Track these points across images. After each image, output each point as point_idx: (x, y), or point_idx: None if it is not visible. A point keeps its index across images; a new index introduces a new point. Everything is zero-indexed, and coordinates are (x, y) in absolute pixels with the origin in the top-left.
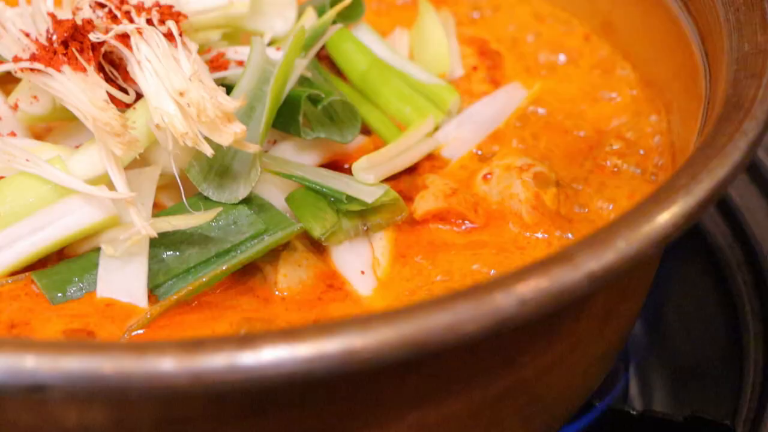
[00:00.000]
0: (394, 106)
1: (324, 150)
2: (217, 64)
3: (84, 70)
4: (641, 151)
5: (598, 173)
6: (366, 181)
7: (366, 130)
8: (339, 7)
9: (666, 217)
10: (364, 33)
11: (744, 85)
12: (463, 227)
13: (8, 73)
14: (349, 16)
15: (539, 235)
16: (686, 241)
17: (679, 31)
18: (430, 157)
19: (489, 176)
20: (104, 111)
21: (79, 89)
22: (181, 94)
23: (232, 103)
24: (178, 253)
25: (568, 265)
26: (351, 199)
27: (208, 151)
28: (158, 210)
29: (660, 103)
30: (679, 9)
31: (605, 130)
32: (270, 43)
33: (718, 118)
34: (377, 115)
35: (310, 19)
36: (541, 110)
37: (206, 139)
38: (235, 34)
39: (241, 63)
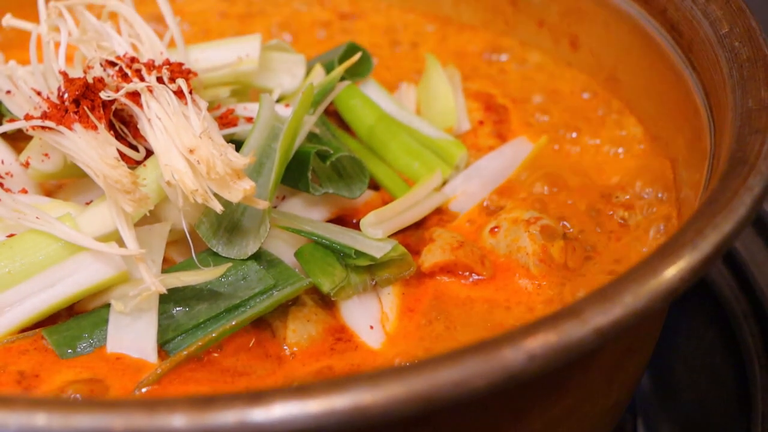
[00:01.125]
0: (402, 161)
1: (332, 205)
2: (226, 120)
3: (95, 128)
4: (647, 204)
5: (605, 226)
6: (374, 236)
7: (374, 185)
8: (347, 64)
9: (673, 272)
10: (371, 89)
11: (748, 141)
12: (470, 279)
13: (20, 131)
14: (357, 72)
15: (547, 288)
16: (692, 292)
17: (684, 86)
18: (438, 210)
19: (496, 230)
20: (115, 169)
21: (90, 147)
22: (191, 151)
23: (241, 160)
24: (187, 309)
25: (576, 320)
26: (359, 254)
27: (218, 208)
28: (168, 265)
29: (665, 157)
30: (683, 64)
31: (611, 184)
32: (279, 100)
33: (723, 173)
34: (385, 169)
35: (319, 75)
36: (546, 164)
37: (216, 195)
38: (244, 90)
39: (250, 119)
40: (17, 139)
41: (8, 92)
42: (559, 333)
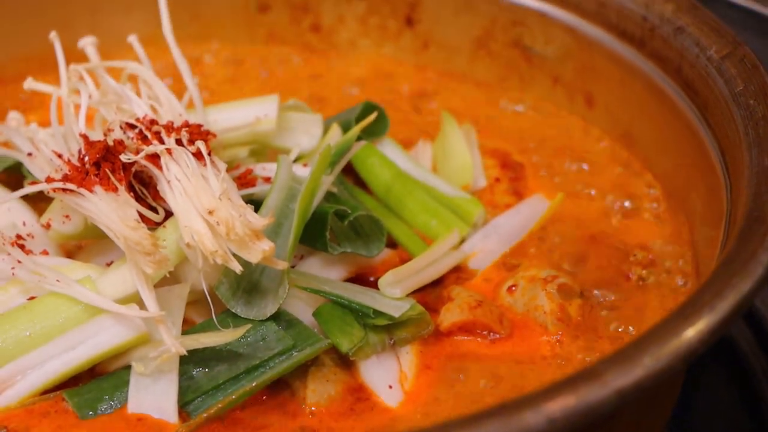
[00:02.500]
0: (419, 219)
1: (350, 264)
2: (245, 180)
3: (115, 190)
4: (665, 262)
5: (623, 284)
6: (392, 295)
7: (391, 243)
8: (364, 123)
9: (692, 333)
10: (388, 147)
11: (765, 200)
12: (489, 338)
13: (40, 192)
14: (373, 131)
15: (565, 346)
16: (711, 349)
17: (699, 144)
18: (456, 268)
19: (514, 288)
20: (135, 230)
21: (111, 209)
22: (211, 212)
23: (260, 221)
24: (207, 370)
25: (597, 382)
26: (378, 313)
27: (237, 269)
28: (187, 326)
29: (682, 215)
30: (699, 122)
31: (628, 241)
32: (297, 159)
33: (740, 233)
34: (402, 228)
35: (336, 135)
36: (563, 221)
37: (235, 256)
38: (262, 150)
39: (268, 179)
40: (38, 201)
41: (29, 154)
42: (579, 396)
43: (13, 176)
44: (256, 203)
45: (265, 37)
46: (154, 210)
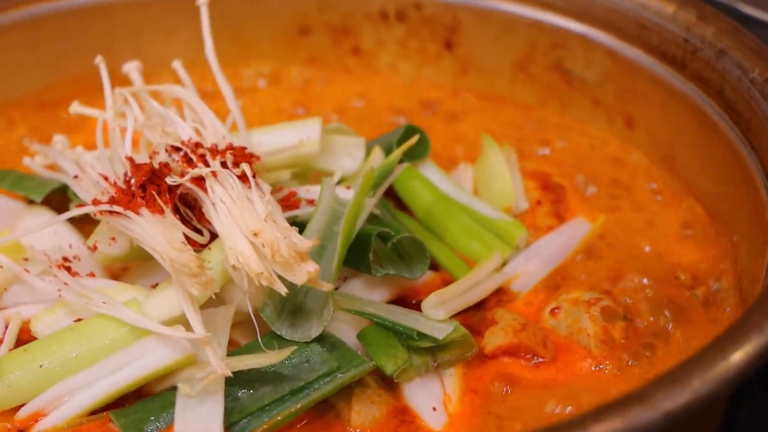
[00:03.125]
0: (461, 242)
1: (393, 286)
2: (288, 203)
3: (161, 212)
4: (709, 284)
5: (667, 306)
6: (436, 317)
7: (433, 265)
8: (406, 146)
9: (740, 356)
10: (429, 170)
11: None
12: (533, 361)
13: (86, 215)
14: (415, 153)
15: (609, 369)
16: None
17: (742, 166)
18: (498, 291)
19: (557, 310)
20: (181, 252)
21: (157, 231)
22: (256, 234)
23: (305, 243)
24: (252, 391)
25: (645, 405)
26: (422, 335)
27: (283, 290)
28: (231, 347)
29: (725, 236)
30: (741, 144)
31: (672, 263)
32: (339, 182)
33: None
34: (444, 250)
35: (378, 158)
36: (605, 244)
37: (280, 277)
38: (305, 172)
39: (311, 202)
40: (83, 223)
41: (75, 177)
42: (627, 418)
43: (59, 199)
44: (299, 225)
45: (306, 60)
46: (199, 232)
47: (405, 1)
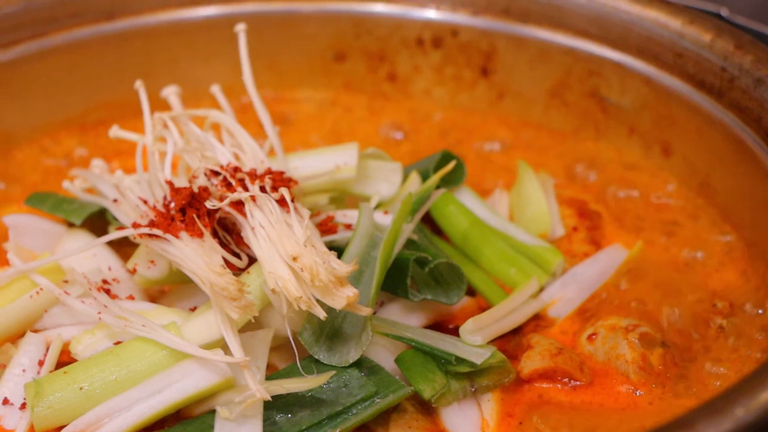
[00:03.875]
0: (498, 267)
1: (429, 311)
2: (326, 227)
3: (201, 235)
4: (747, 312)
5: (703, 333)
6: (473, 342)
7: (469, 290)
8: (443, 172)
9: None
10: (465, 196)
11: None
12: (570, 386)
13: (125, 238)
14: (451, 179)
15: (646, 395)
16: None
17: None
18: (535, 316)
19: (594, 336)
20: (221, 276)
21: (197, 255)
22: (295, 258)
23: (344, 268)
24: (290, 416)
25: None
26: (460, 360)
27: (322, 315)
28: (269, 371)
29: (762, 265)
30: None
31: (709, 290)
32: (376, 207)
33: None
34: (481, 275)
35: (415, 183)
36: (642, 271)
37: (318, 302)
38: (341, 197)
39: (349, 226)
40: (122, 246)
41: (115, 200)
42: None
43: (98, 222)
44: (337, 250)
45: (342, 86)
46: (237, 256)
47: (441, 28)
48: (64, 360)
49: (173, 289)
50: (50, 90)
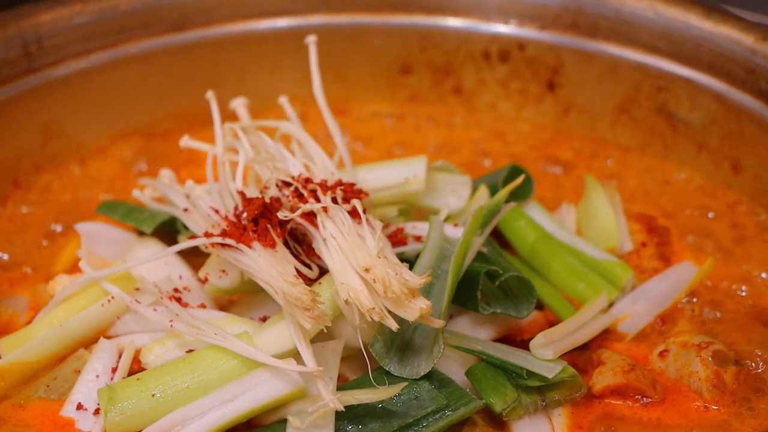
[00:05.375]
0: (566, 282)
1: (498, 324)
2: (396, 239)
3: (273, 246)
4: None
5: None
6: (544, 356)
7: (537, 304)
8: (512, 186)
9: None
10: (533, 210)
11: None
12: (641, 402)
13: (194, 247)
14: (519, 193)
15: (721, 413)
16: None
17: None
18: (605, 331)
19: (666, 353)
20: (294, 286)
21: (269, 265)
22: (367, 270)
23: (417, 280)
24: (360, 427)
25: None
26: (531, 374)
27: (394, 326)
28: (339, 381)
29: None
30: None
31: None
32: (445, 219)
33: None
34: (549, 289)
35: (483, 196)
36: (714, 287)
37: (390, 313)
38: (409, 209)
39: (419, 238)
40: (191, 255)
41: (185, 210)
42: None
43: (168, 230)
44: (406, 262)
45: (407, 99)
46: (308, 266)
47: (508, 42)
48: (134, 368)
49: (242, 298)
50: (120, 100)
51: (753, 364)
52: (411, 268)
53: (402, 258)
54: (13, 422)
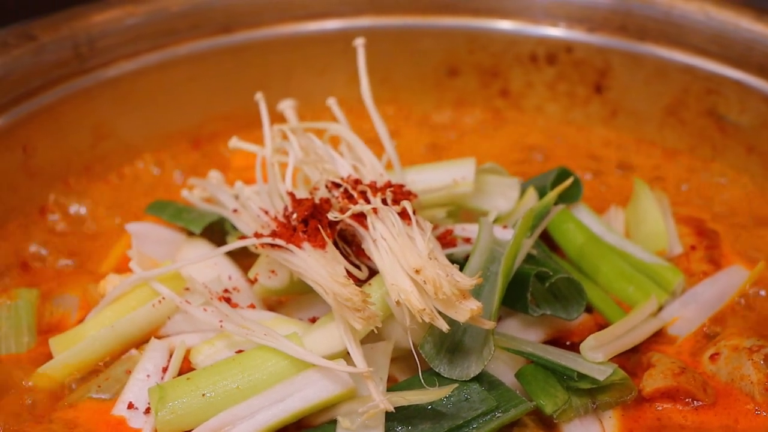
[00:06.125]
0: (616, 285)
1: (547, 326)
2: (445, 241)
3: (323, 246)
4: None
5: None
6: (595, 359)
7: (586, 307)
8: (561, 188)
9: None
10: (581, 213)
11: None
12: (692, 405)
13: (242, 247)
14: (567, 196)
15: None
16: None
17: None
18: (654, 335)
19: (716, 356)
20: (345, 287)
21: (320, 265)
22: (417, 271)
23: (468, 281)
24: (410, 428)
25: None
26: (582, 376)
27: (445, 327)
28: (388, 382)
29: None
30: None
31: None
32: (494, 221)
33: None
34: (598, 292)
35: (532, 199)
36: (764, 290)
37: (441, 314)
38: (457, 211)
39: (467, 240)
40: (239, 255)
41: (235, 211)
42: None
43: (216, 231)
44: (455, 263)
45: (454, 101)
46: (357, 267)
47: (556, 44)
48: (184, 367)
49: (291, 299)
50: (169, 101)
51: None
52: (460, 269)
53: (451, 259)
54: (65, 421)
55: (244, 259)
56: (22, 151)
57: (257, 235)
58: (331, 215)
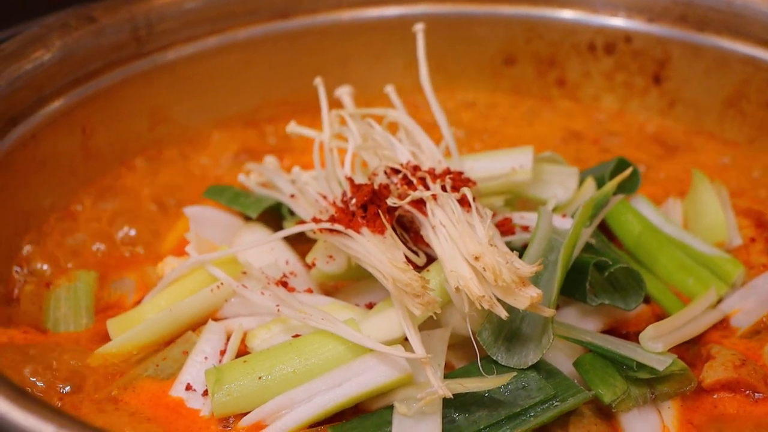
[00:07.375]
0: (675, 276)
1: (605, 316)
2: (504, 229)
3: (382, 232)
4: None
5: None
6: (654, 349)
7: (644, 298)
8: (620, 178)
9: None
10: (639, 203)
11: None
12: (753, 398)
13: (300, 232)
14: (625, 187)
15: None
16: None
17: None
18: (714, 326)
19: None
20: (404, 272)
21: (379, 251)
22: (477, 258)
23: (528, 268)
24: (467, 415)
25: None
26: (641, 366)
27: (504, 315)
28: (445, 369)
29: None
30: None
31: None
32: (552, 210)
33: None
34: (656, 283)
35: (590, 189)
36: None
37: (500, 302)
38: (514, 199)
39: (526, 228)
40: (296, 241)
41: (292, 196)
42: None
43: (272, 216)
44: (513, 251)
45: (510, 90)
46: (415, 253)
47: (615, 34)
48: (240, 350)
49: (347, 285)
50: (225, 85)
51: None
52: (520, 257)
53: (510, 247)
54: (124, 401)
55: (300, 244)
56: (81, 132)
57: (316, 220)
58: (390, 201)
